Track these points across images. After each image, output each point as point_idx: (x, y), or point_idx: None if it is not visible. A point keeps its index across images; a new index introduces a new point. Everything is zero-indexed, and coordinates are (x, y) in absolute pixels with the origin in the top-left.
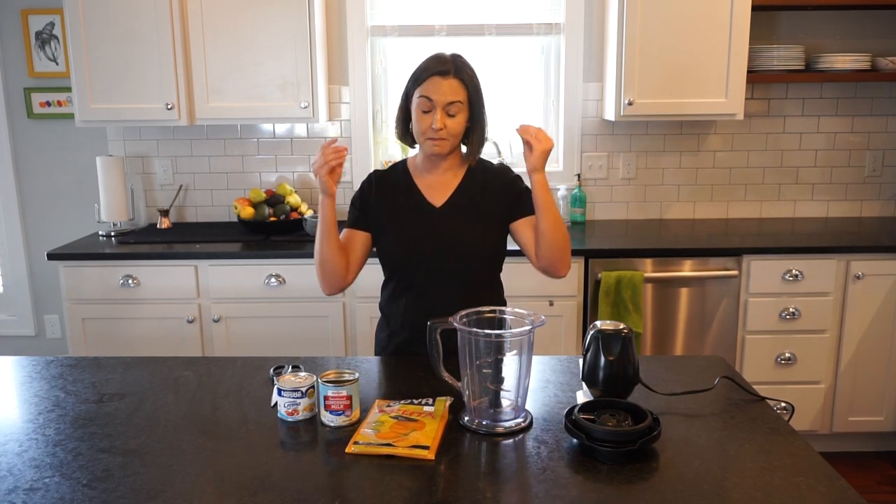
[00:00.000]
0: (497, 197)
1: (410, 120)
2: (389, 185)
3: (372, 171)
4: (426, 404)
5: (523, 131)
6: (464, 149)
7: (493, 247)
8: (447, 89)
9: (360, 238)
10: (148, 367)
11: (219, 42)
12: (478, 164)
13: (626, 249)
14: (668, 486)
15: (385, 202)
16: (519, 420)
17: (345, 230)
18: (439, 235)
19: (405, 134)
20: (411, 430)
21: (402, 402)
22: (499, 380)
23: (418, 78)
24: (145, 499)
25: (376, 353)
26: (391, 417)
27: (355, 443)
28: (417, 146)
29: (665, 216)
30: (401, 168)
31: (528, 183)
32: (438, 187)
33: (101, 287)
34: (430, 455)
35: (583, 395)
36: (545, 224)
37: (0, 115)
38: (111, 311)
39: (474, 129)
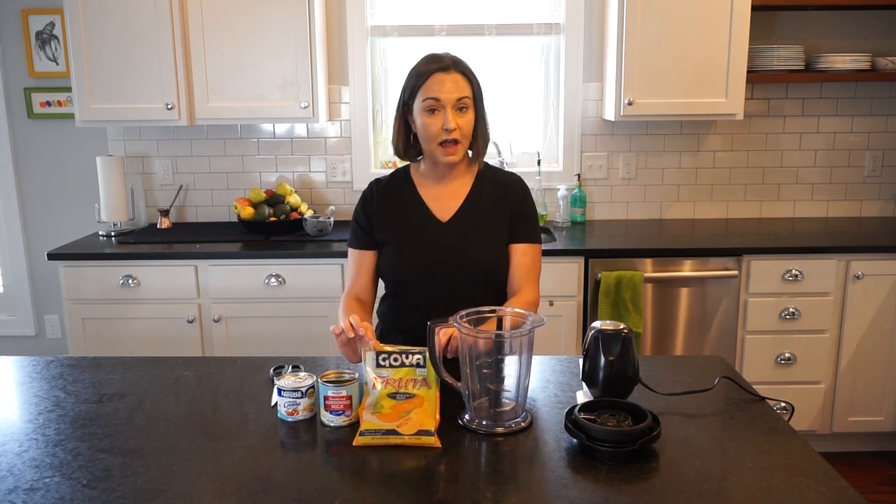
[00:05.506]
0: (504, 213)
1: (411, 132)
2: (393, 198)
3: (373, 180)
4: (419, 365)
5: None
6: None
7: (502, 263)
8: (452, 86)
9: (371, 258)
10: (148, 367)
11: (219, 42)
12: (486, 172)
13: (626, 249)
14: (668, 486)
15: (389, 217)
16: (519, 420)
17: (353, 252)
18: (446, 252)
19: (407, 148)
20: (412, 409)
21: (395, 352)
22: (499, 380)
23: (417, 81)
24: (145, 499)
25: None
26: (388, 396)
27: (361, 433)
28: (421, 158)
29: (665, 216)
30: (403, 177)
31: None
32: (446, 199)
33: (101, 287)
34: (435, 442)
35: (583, 395)
36: None
37: (0, 115)
38: (111, 311)
39: (479, 128)
